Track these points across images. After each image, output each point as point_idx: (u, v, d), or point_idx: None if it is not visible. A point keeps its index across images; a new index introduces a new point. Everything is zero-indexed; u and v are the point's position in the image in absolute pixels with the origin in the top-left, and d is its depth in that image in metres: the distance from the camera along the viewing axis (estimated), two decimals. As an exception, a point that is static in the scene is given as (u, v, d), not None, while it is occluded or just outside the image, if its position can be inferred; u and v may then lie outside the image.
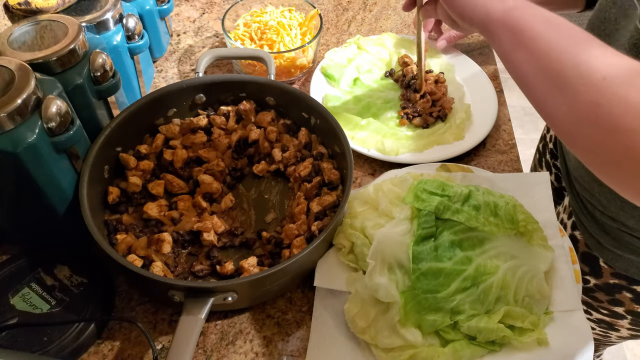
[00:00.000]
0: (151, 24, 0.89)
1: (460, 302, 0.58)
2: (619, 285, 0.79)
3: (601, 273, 0.80)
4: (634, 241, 0.73)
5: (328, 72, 0.93)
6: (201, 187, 0.72)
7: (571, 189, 0.84)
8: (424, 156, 0.80)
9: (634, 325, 0.84)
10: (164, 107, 0.78)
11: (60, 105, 0.58)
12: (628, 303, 0.80)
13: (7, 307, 0.61)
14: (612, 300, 0.82)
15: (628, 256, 0.75)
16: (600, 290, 0.82)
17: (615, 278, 0.79)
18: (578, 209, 0.82)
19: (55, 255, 0.65)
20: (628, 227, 0.73)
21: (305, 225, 0.69)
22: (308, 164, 0.75)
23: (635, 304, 0.79)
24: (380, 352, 0.58)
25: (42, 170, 0.58)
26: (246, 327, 0.64)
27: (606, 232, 0.77)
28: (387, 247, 0.61)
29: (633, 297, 0.79)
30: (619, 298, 0.80)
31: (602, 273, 0.80)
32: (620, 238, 0.75)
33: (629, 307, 0.81)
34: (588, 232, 0.80)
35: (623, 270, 0.77)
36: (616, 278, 0.79)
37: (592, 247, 0.80)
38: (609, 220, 0.75)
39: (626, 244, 0.75)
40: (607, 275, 0.80)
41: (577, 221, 0.83)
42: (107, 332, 0.63)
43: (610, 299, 0.82)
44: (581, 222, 0.81)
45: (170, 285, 0.57)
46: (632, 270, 0.76)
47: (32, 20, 0.67)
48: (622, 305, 0.81)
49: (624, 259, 0.76)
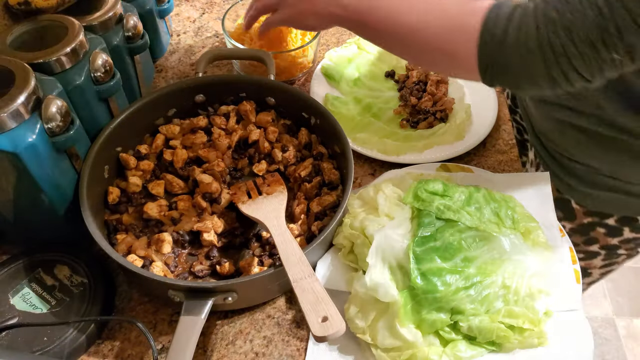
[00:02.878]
0: (151, 24, 0.89)
1: (460, 302, 0.58)
2: (592, 222, 0.85)
3: (575, 215, 0.86)
4: (599, 178, 0.80)
5: (328, 72, 0.93)
6: (201, 187, 0.72)
7: (537, 141, 0.89)
8: (424, 156, 0.80)
9: (606, 260, 0.93)
10: (164, 107, 0.78)
11: (60, 105, 0.58)
12: (602, 238, 0.87)
13: (7, 307, 0.61)
14: (588, 239, 0.88)
15: (597, 193, 0.81)
16: (575, 234, 0.88)
17: (587, 216, 0.85)
18: (547, 158, 0.87)
19: (55, 255, 0.65)
20: (593, 168, 0.80)
21: (305, 225, 0.69)
22: (308, 164, 0.75)
23: (608, 236, 0.86)
24: (380, 352, 0.58)
25: (42, 170, 0.58)
26: (246, 327, 0.64)
27: (574, 175, 0.83)
28: (387, 247, 0.61)
29: (606, 230, 0.85)
30: (594, 235, 0.87)
31: (576, 215, 0.86)
32: (587, 178, 0.81)
33: (602, 242, 0.88)
34: (558, 177, 0.85)
35: (593, 207, 0.83)
36: (589, 216, 0.85)
37: (563, 191, 0.85)
38: (575, 164, 0.81)
39: (593, 182, 0.81)
40: (580, 215, 0.86)
41: (545, 170, 0.88)
42: (107, 332, 0.63)
43: (585, 239, 0.88)
44: (550, 169, 0.86)
45: (170, 285, 0.57)
46: (601, 205, 0.83)
47: (32, 20, 0.67)
48: (597, 242, 0.88)
49: (593, 196, 0.82)
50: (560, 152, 0.83)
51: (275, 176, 0.73)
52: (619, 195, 0.80)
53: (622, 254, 0.91)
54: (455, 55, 0.60)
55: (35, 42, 0.65)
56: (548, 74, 0.55)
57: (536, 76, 0.56)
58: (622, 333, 1.73)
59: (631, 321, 1.76)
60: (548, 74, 0.55)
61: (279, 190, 0.70)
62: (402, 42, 0.64)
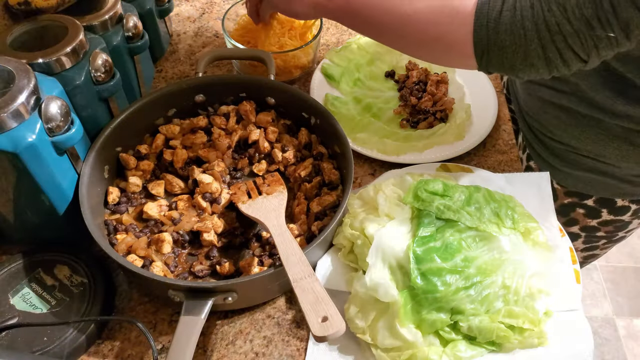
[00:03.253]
0: (151, 24, 0.89)
1: (460, 302, 0.58)
2: (572, 203, 0.88)
3: (556, 195, 0.87)
4: (579, 159, 0.82)
5: (328, 72, 0.93)
6: (201, 187, 0.72)
7: (524, 122, 0.91)
8: (424, 156, 0.80)
9: (587, 244, 0.95)
10: (164, 107, 0.78)
11: (60, 105, 0.58)
12: (582, 219, 0.90)
13: (7, 307, 0.61)
14: (568, 220, 0.91)
15: (576, 173, 0.84)
16: (557, 215, 0.90)
17: (568, 197, 0.88)
18: (531, 139, 0.90)
19: (55, 255, 0.65)
20: (572, 147, 0.82)
21: (305, 225, 0.70)
22: (308, 164, 0.75)
23: (588, 218, 0.89)
24: (380, 352, 0.58)
25: (42, 170, 0.58)
26: (246, 327, 0.64)
27: (556, 155, 0.85)
28: (387, 247, 0.61)
29: (585, 211, 0.88)
30: (574, 217, 0.90)
31: (557, 195, 0.88)
32: (567, 157, 0.84)
33: (582, 223, 0.90)
34: (541, 157, 0.88)
35: (573, 186, 0.86)
36: (569, 197, 0.88)
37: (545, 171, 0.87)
38: (557, 143, 0.84)
39: (572, 162, 0.84)
40: (562, 195, 0.88)
41: (531, 152, 0.91)
42: (107, 332, 0.63)
43: (566, 220, 0.91)
44: (535, 150, 0.89)
45: (170, 285, 0.57)
46: (580, 186, 0.85)
47: (32, 20, 0.67)
48: (577, 223, 0.91)
49: (573, 176, 0.85)
50: (543, 132, 0.85)
51: (275, 176, 0.73)
52: (596, 175, 0.82)
53: (601, 236, 0.93)
54: (450, 40, 0.59)
55: (35, 42, 0.65)
56: (544, 54, 0.55)
57: (532, 57, 0.56)
58: (622, 333, 1.73)
59: (631, 321, 1.76)
60: (544, 54, 0.55)
61: (279, 190, 0.70)
62: (393, 30, 0.64)
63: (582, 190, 0.86)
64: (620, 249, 1.91)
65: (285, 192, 0.70)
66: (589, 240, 0.94)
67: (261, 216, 0.66)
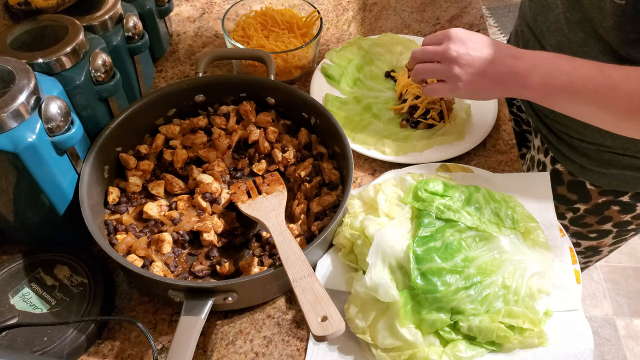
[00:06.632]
0: (151, 24, 0.89)
1: (460, 302, 0.58)
2: (607, 201, 0.87)
3: (589, 196, 0.87)
4: (614, 157, 0.81)
5: (328, 72, 0.93)
6: (201, 187, 0.72)
7: (544, 125, 0.90)
8: (424, 156, 0.80)
9: (617, 237, 0.95)
10: (164, 107, 0.78)
11: (60, 105, 0.58)
12: (615, 216, 0.89)
13: (7, 307, 0.61)
14: (602, 219, 0.90)
15: (610, 171, 0.83)
16: (590, 214, 0.90)
17: (602, 196, 0.86)
18: (555, 141, 0.88)
19: (55, 255, 0.65)
20: (606, 147, 0.80)
21: (305, 225, 0.70)
22: (308, 164, 0.75)
23: (622, 213, 0.88)
24: (380, 352, 0.58)
25: (42, 170, 0.58)
26: (246, 327, 0.64)
27: (587, 156, 0.84)
28: (387, 247, 0.61)
29: (620, 208, 0.87)
30: (608, 214, 0.89)
31: (591, 195, 0.87)
32: (601, 157, 0.82)
33: (616, 219, 0.89)
34: (570, 159, 0.86)
35: (608, 185, 0.84)
36: (603, 195, 0.86)
37: (577, 173, 0.86)
38: (588, 144, 0.82)
39: (607, 161, 0.82)
40: (595, 195, 0.87)
41: (556, 155, 0.89)
42: (107, 332, 0.63)
43: (599, 219, 0.90)
44: (562, 153, 0.88)
45: (170, 285, 0.57)
46: (615, 184, 0.84)
47: (32, 20, 0.67)
48: (610, 220, 0.90)
49: (607, 175, 0.83)
50: (569, 134, 0.84)
51: (275, 176, 0.73)
52: (634, 172, 0.81)
53: (631, 229, 0.93)
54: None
55: (35, 42, 0.65)
56: None
57: None
58: (622, 333, 1.73)
59: (631, 321, 1.76)
60: None
61: (279, 189, 0.70)
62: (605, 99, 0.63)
63: (617, 188, 0.84)
64: (620, 248, 1.90)
65: (285, 191, 0.70)
66: (619, 234, 0.94)
67: (261, 216, 0.66)
